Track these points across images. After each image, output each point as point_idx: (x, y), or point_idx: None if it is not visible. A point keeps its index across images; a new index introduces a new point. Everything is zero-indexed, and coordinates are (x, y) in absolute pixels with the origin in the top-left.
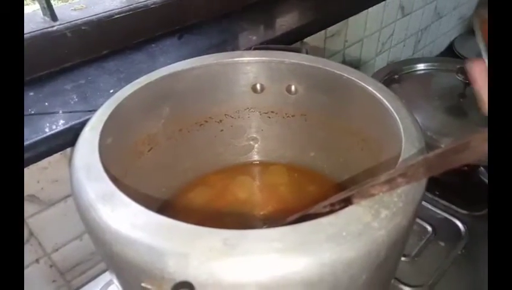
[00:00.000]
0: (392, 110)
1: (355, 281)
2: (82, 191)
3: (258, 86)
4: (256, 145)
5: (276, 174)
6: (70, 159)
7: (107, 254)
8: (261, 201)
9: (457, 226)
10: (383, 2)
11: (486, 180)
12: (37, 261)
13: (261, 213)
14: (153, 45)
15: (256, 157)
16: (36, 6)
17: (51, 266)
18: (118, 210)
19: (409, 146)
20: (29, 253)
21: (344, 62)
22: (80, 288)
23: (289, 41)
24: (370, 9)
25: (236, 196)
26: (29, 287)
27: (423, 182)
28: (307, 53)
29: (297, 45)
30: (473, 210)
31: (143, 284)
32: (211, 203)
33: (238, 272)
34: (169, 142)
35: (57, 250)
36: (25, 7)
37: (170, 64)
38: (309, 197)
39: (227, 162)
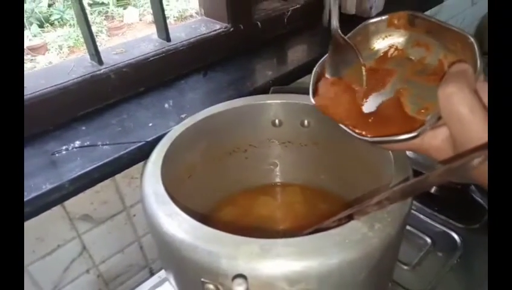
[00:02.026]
0: None
1: (356, 277)
2: (153, 212)
3: (277, 121)
4: (276, 169)
5: (293, 194)
6: (140, 188)
7: (174, 257)
8: (280, 217)
9: (453, 238)
10: None
11: (477, 198)
12: (87, 271)
13: (280, 227)
14: (182, 82)
15: (276, 179)
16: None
17: (98, 276)
18: (182, 225)
19: (398, 175)
20: (81, 264)
21: None
22: None
23: (300, 74)
24: None
25: (259, 213)
26: None
27: (408, 201)
28: None
29: (306, 78)
30: (467, 224)
31: (202, 279)
32: (239, 219)
33: (271, 269)
34: (204, 170)
35: (103, 262)
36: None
37: (197, 98)
38: (320, 213)
39: (252, 183)
